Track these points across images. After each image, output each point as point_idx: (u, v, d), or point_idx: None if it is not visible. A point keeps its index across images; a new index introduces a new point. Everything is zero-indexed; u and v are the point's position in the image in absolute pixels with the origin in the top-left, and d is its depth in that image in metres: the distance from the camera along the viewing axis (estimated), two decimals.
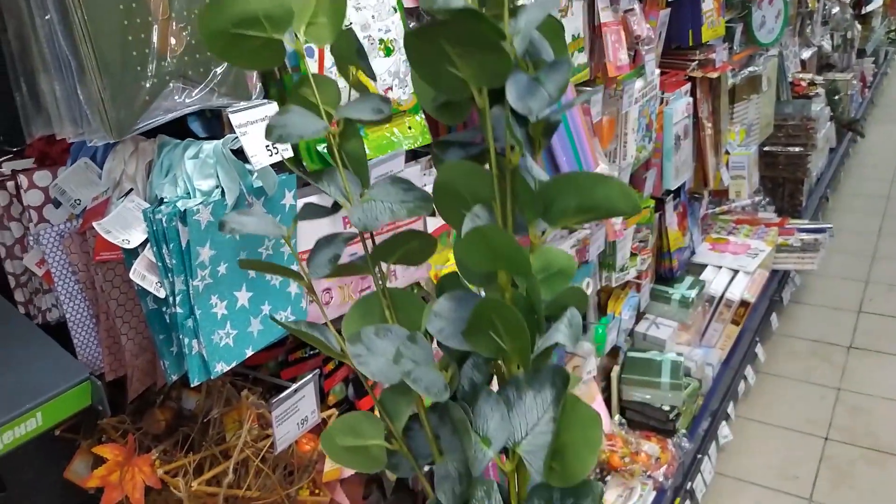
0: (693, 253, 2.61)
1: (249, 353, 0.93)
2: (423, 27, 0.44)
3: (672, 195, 2.30)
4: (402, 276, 1.18)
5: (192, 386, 0.87)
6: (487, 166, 0.50)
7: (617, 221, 1.85)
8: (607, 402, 2.24)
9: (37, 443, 0.79)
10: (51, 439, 1.15)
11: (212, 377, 0.87)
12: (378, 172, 1.11)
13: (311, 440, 1.11)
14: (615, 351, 2.30)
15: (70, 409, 0.75)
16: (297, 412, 0.96)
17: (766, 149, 3.52)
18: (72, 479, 1.09)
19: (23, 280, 1.06)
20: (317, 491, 1.08)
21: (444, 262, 1.26)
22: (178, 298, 0.84)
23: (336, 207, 0.56)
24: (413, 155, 1.25)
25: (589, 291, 1.84)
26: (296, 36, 0.52)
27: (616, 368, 2.26)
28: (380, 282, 0.56)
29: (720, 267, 2.64)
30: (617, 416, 2.20)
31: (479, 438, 0.47)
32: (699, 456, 2.30)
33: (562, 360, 1.79)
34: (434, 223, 1.23)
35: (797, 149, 3.59)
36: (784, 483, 2.37)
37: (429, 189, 0.54)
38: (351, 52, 0.54)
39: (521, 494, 0.50)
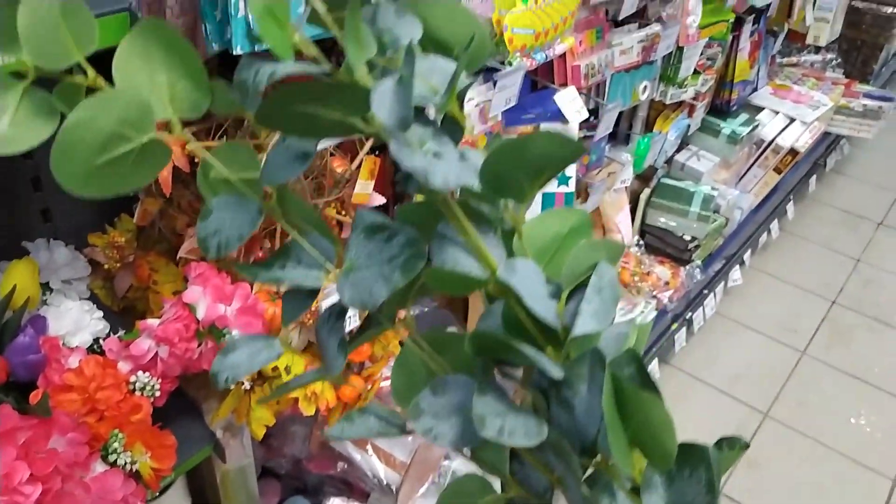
0: (755, 90, 2.46)
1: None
2: None
3: (753, 19, 2.11)
4: None
5: (234, 53, 0.81)
6: None
7: (692, 24, 1.70)
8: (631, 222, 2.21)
9: None
10: None
11: (256, 51, 0.80)
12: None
13: (343, 163, 1.07)
14: (648, 176, 2.23)
15: (107, 38, 0.69)
16: None
17: (854, 4, 3.23)
18: None
19: None
20: (342, 212, 1.05)
21: (509, 6, 1.15)
22: None
23: None
24: None
25: (644, 96, 1.74)
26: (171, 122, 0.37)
27: (646, 191, 2.21)
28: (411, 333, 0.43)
29: (777, 112, 2.50)
30: (636, 238, 2.18)
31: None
32: (706, 291, 2.31)
33: (601, 162, 1.72)
34: None
35: (889, 9, 3.29)
36: (781, 334, 2.40)
37: None
38: None
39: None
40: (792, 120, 2.47)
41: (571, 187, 1.50)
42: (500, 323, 0.40)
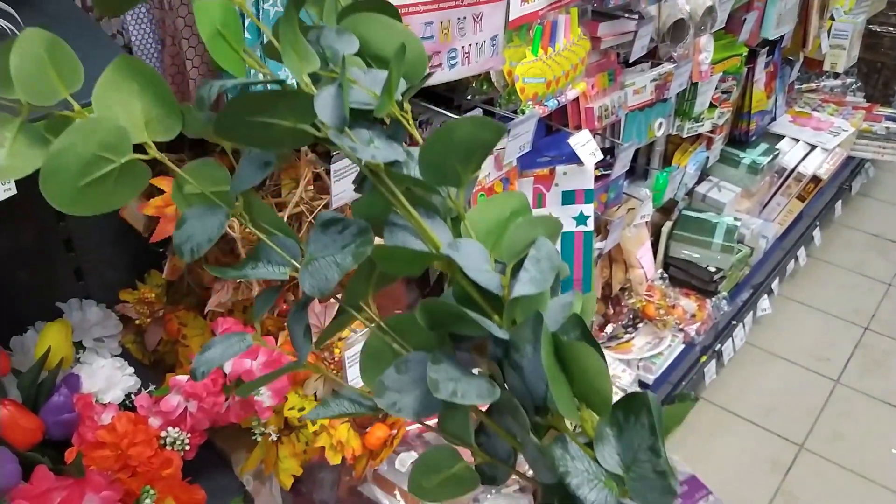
0: (774, 120, 2.46)
1: None
2: None
3: (767, 50, 2.13)
4: (474, 62, 1.11)
5: None
6: None
7: (704, 61, 1.72)
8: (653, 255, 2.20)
9: None
10: None
11: None
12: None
13: None
14: (669, 209, 2.23)
15: None
16: (355, 172, 0.93)
17: (871, 27, 3.23)
18: (127, 218, 1.11)
19: (87, 3, 1.02)
20: None
21: (520, 58, 1.18)
22: (246, 22, 0.79)
23: None
24: None
25: (660, 133, 1.75)
26: (146, 144, 0.42)
27: (668, 224, 2.21)
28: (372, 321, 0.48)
29: (798, 140, 2.49)
30: (660, 271, 2.18)
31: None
32: (734, 322, 2.29)
33: (619, 199, 1.73)
34: (517, 12, 1.14)
35: None
36: (814, 363, 2.36)
37: None
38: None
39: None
40: (813, 147, 2.46)
41: (590, 226, 1.51)
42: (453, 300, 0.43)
